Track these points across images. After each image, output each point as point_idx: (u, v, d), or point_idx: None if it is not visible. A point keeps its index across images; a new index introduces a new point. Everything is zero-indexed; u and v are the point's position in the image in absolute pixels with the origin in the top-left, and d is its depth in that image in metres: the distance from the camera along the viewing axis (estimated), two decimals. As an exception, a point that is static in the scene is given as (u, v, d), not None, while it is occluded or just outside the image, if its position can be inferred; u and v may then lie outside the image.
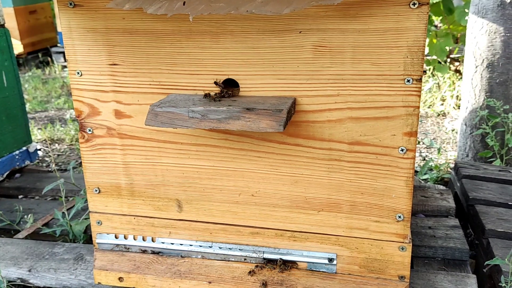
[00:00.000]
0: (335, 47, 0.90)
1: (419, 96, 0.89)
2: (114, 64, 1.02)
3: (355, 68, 0.90)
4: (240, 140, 1.00)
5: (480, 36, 1.81)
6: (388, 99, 0.91)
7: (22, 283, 1.28)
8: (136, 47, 0.99)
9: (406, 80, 0.88)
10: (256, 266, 1.06)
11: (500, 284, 1.08)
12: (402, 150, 0.93)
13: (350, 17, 0.87)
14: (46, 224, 1.57)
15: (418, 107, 0.90)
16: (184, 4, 0.91)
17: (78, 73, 1.04)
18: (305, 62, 0.92)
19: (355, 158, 0.96)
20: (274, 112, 0.87)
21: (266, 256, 1.06)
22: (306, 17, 0.89)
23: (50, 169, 2.22)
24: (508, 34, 1.75)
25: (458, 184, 1.63)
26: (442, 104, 3.03)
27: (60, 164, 2.37)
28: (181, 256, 1.12)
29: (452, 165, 2.05)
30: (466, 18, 2.71)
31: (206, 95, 0.96)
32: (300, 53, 0.92)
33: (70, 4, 0.99)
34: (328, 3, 0.85)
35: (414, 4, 0.83)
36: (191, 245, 1.10)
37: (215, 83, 0.96)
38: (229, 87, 0.99)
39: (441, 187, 1.63)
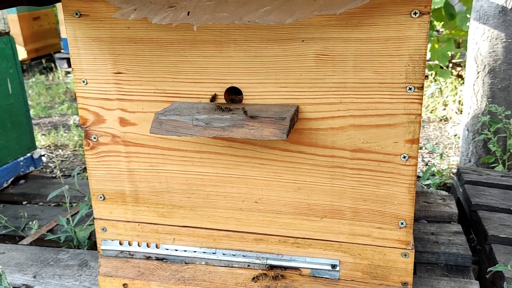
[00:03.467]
0: (337, 55, 0.91)
1: (421, 103, 0.90)
2: (119, 73, 1.03)
3: (357, 76, 0.91)
4: (243, 147, 1.01)
5: (481, 42, 1.82)
6: (390, 107, 0.91)
7: (27, 289, 1.28)
8: (140, 56, 1.01)
9: (407, 88, 0.89)
10: (260, 273, 1.07)
11: (503, 290, 1.08)
12: (404, 157, 0.94)
13: (352, 26, 0.88)
14: (51, 231, 1.59)
15: (420, 115, 0.91)
16: (188, 14, 0.92)
17: (83, 81, 1.06)
18: (307, 71, 0.93)
19: (357, 165, 0.96)
20: (277, 120, 0.88)
21: (270, 262, 1.07)
22: (309, 26, 0.90)
23: (54, 175, 2.24)
24: (510, 40, 1.76)
25: (461, 190, 1.64)
26: (444, 109, 3.03)
27: (64, 170, 2.38)
28: (185, 263, 1.12)
29: (454, 171, 2.06)
30: (468, 23, 2.72)
31: (214, 102, 0.97)
32: (302, 62, 0.93)
33: (76, 14, 1.01)
34: (330, 12, 0.87)
35: (415, 13, 0.84)
36: (195, 252, 1.11)
37: (212, 98, 0.98)
38: (232, 95, 1.00)
39: (444, 192, 1.63)
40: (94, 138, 1.09)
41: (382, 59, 0.89)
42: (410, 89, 0.89)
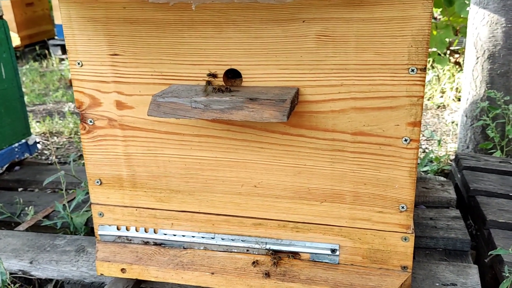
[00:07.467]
0: (339, 36, 0.89)
1: (423, 86, 0.89)
2: (115, 54, 1.01)
3: (359, 57, 0.90)
4: (242, 131, 1.00)
5: (481, 27, 1.80)
6: (392, 89, 0.90)
7: (24, 275, 1.27)
8: (137, 37, 0.98)
9: (410, 70, 0.88)
10: (259, 258, 1.06)
11: (503, 273, 1.08)
12: (405, 140, 0.92)
13: (354, 5, 0.86)
14: (47, 217, 1.57)
15: (422, 97, 0.89)
16: (186, -7, 0.90)
17: (78, 63, 1.03)
18: (308, 52, 0.91)
19: (358, 149, 0.95)
20: (278, 102, 0.86)
21: (269, 247, 1.06)
22: (310, 6, 0.88)
23: (49, 162, 2.22)
24: (510, 25, 1.74)
25: (459, 176, 1.63)
26: (441, 97, 3.03)
27: (59, 157, 2.36)
28: (184, 248, 1.12)
29: (452, 157, 2.05)
30: (467, 9, 2.70)
31: (213, 88, 0.95)
32: (303, 43, 0.91)
33: (70, -7, 0.98)
34: (332, -9, 0.85)
35: (419, -8, 0.83)
36: (193, 237, 1.10)
37: (211, 75, 0.96)
38: (232, 76, 0.98)
39: (442, 178, 1.63)
40: (90, 121, 1.07)
41: (385, 40, 0.87)
42: (412, 70, 0.88)
